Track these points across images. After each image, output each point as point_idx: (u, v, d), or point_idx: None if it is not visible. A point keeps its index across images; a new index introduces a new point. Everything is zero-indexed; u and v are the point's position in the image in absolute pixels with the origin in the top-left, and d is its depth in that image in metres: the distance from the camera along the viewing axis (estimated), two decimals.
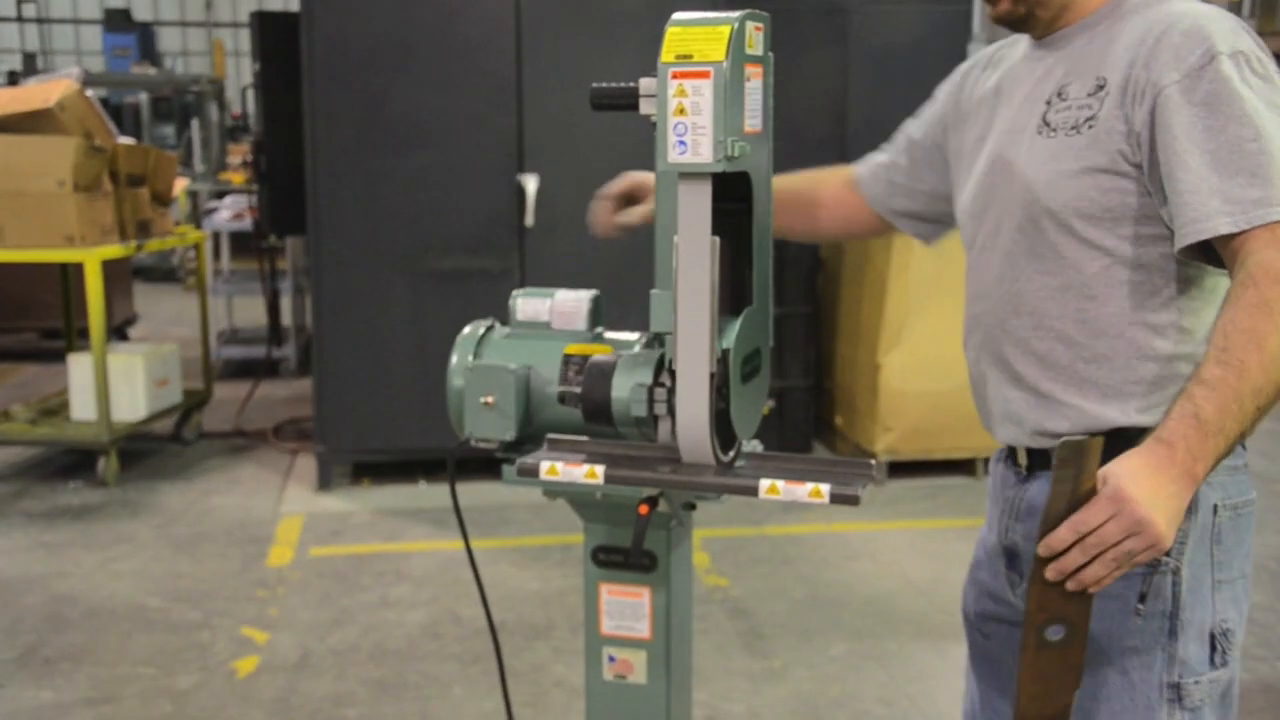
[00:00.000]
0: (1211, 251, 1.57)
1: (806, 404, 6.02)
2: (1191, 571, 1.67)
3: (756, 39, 1.62)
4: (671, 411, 1.67)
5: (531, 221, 5.34)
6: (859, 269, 5.85)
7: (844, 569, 4.64)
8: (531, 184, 5.32)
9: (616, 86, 1.70)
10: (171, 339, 7.61)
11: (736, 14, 1.57)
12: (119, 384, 5.76)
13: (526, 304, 1.93)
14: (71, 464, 5.93)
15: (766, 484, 1.61)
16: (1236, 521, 1.70)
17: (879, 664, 3.83)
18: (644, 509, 1.76)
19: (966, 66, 1.99)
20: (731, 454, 1.72)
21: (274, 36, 5.96)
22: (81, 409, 5.82)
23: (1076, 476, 1.47)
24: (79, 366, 5.84)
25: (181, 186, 9.62)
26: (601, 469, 1.67)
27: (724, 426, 1.68)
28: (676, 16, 1.59)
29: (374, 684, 3.70)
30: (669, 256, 1.65)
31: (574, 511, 1.96)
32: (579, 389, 1.76)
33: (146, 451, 6.18)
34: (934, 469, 5.69)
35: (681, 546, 1.97)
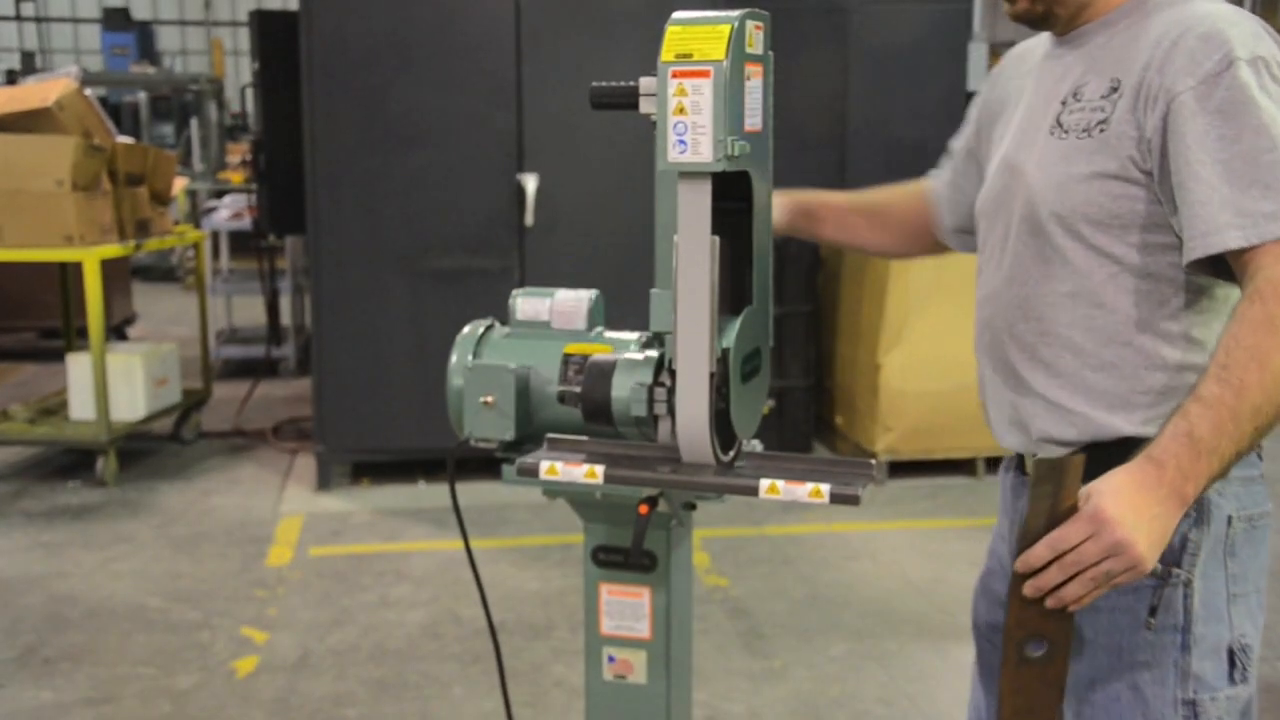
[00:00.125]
0: (1222, 265, 1.53)
1: (806, 404, 6.02)
2: (1204, 584, 1.62)
3: (756, 38, 1.62)
4: (671, 411, 1.66)
5: (531, 221, 5.34)
6: (859, 269, 5.85)
7: (844, 569, 4.63)
8: (531, 183, 5.31)
9: (616, 86, 1.69)
10: (170, 338, 7.60)
11: (736, 13, 1.57)
12: (118, 383, 5.75)
13: (526, 303, 1.93)
14: (70, 464, 5.93)
15: (766, 484, 1.60)
16: (1251, 534, 1.65)
17: (879, 664, 3.83)
18: (644, 509, 1.75)
19: (998, 66, 1.94)
20: (731, 454, 1.72)
21: (273, 35, 5.95)
22: (80, 409, 5.82)
23: (1055, 493, 1.44)
24: (78, 366, 5.84)
25: (180, 186, 9.62)
26: (601, 469, 1.66)
27: (724, 426, 1.67)
28: (676, 16, 1.58)
29: (374, 684, 3.70)
30: (669, 256, 1.65)
31: (574, 511, 1.95)
32: (579, 388, 1.76)
33: (145, 451, 6.18)
34: (934, 469, 5.68)
35: (681, 546, 1.96)
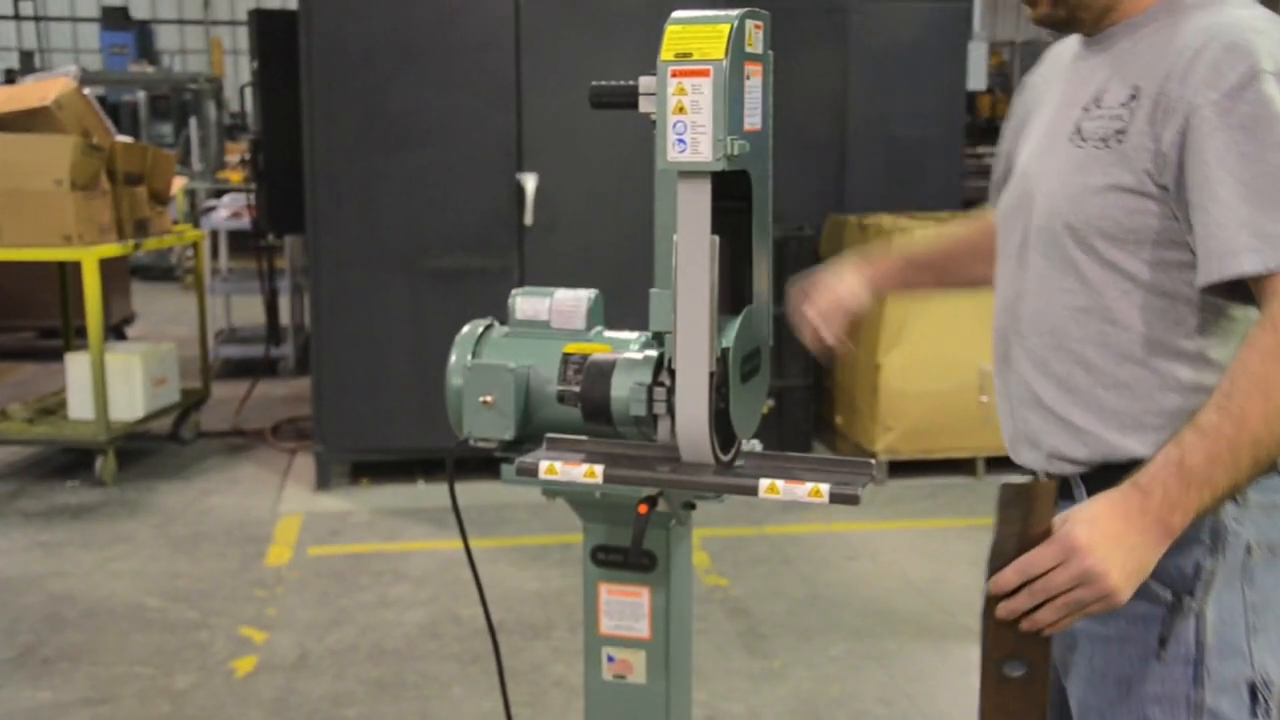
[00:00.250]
0: (1239, 287, 1.46)
1: (806, 403, 6.01)
2: (1219, 615, 1.54)
3: (756, 37, 1.62)
4: (671, 411, 1.66)
5: (530, 220, 5.34)
6: None
7: (844, 569, 4.63)
8: (531, 183, 5.31)
9: (616, 85, 1.69)
10: (169, 338, 7.60)
11: (736, 12, 1.57)
12: (117, 383, 5.75)
13: (526, 303, 1.93)
14: (69, 463, 5.93)
15: (766, 483, 1.60)
16: (1273, 562, 1.56)
17: (879, 664, 3.83)
18: (643, 508, 1.75)
19: (1037, 65, 1.86)
20: (731, 453, 1.72)
21: (272, 35, 5.95)
22: (79, 408, 5.81)
23: (1024, 518, 1.40)
24: (77, 366, 5.83)
25: (179, 185, 9.60)
26: (600, 468, 1.66)
27: (724, 426, 1.67)
28: (676, 15, 1.58)
29: (373, 684, 3.69)
30: (668, 255, 1.65)
31: (573, 511, 1.95)
32: (578, 388, 1.75)
33: (144, 451, 6.18)
34: (934, 469, 5.68)
35: (681, 546, 1.96)
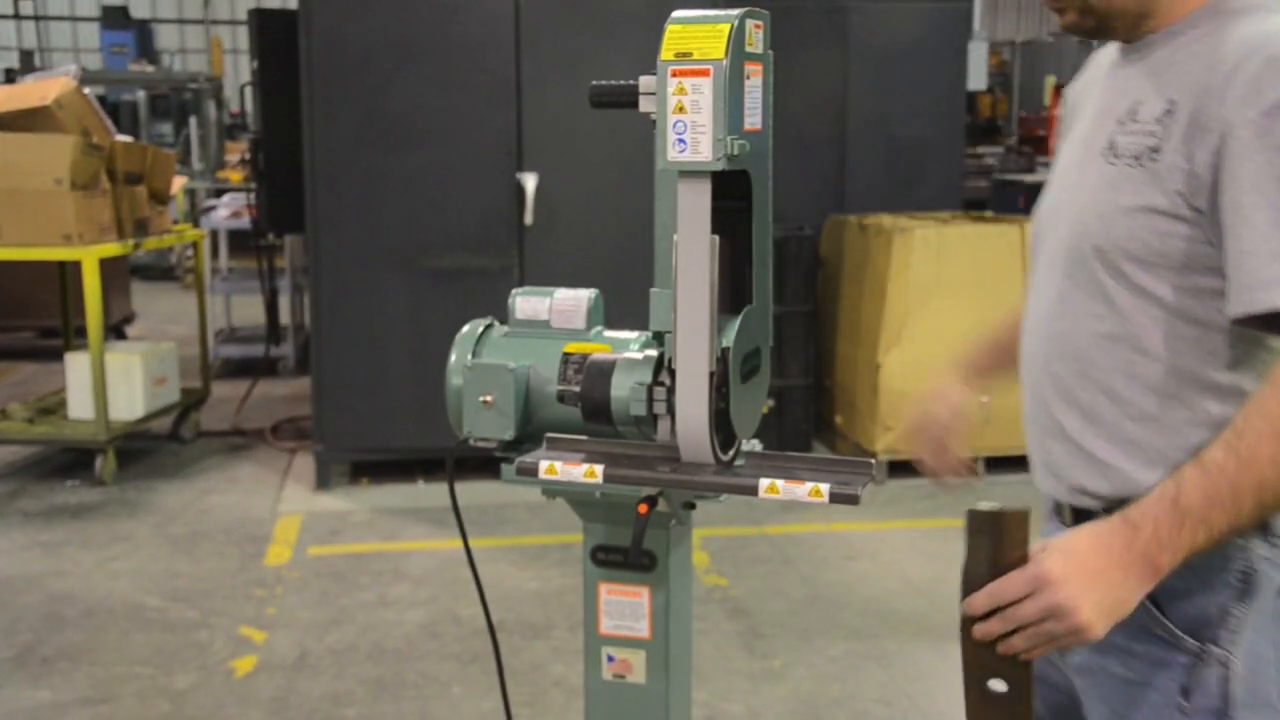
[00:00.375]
0: (1275, 319, 1.36)
1: (806, 403, 6.01)
2: (1249, 665, 1.45)
3: (756, 37, 1.62)
4: (671, 410, 1.66)
5: (530, 220, 5.34)
6: (859, 268, 5.84)
7: (844, 569, 4.63)
8: (530, 182, 5.31)
9: (616, 84, 1.69)
10: (169, 337, 7.59)
11: (736, 12, 1.56)
12: (117, 383, 5.75)
13: (526, 302, 1.92)
14: (69, 463, 5.93)
15: (766, 483, 1.60)
16: None
17: (879, 664, 3.83)
18: (643, 508, 1.75)
19: (1074, 79, 1.76)
20: (731, 453, 1.71)
21: (272, 34, 5.95)
22: (79, 408, 5.81)
23: (994, 544, 1.36)
24: (76, 365, 5.83)
25: (179, 184, 9.60)
26: (600, 468, 1.66)
27: (724, 425, 1.67)
28: (676, 15, 1.58)
29: (372, 683, 3.69)
30: (668, 255, 1.64)
31: (573, 511, 1.95)
32: (578, 388, 1.75)
33: (144, 450, 6.18)
34: None
35: (681, 546, 1.96)
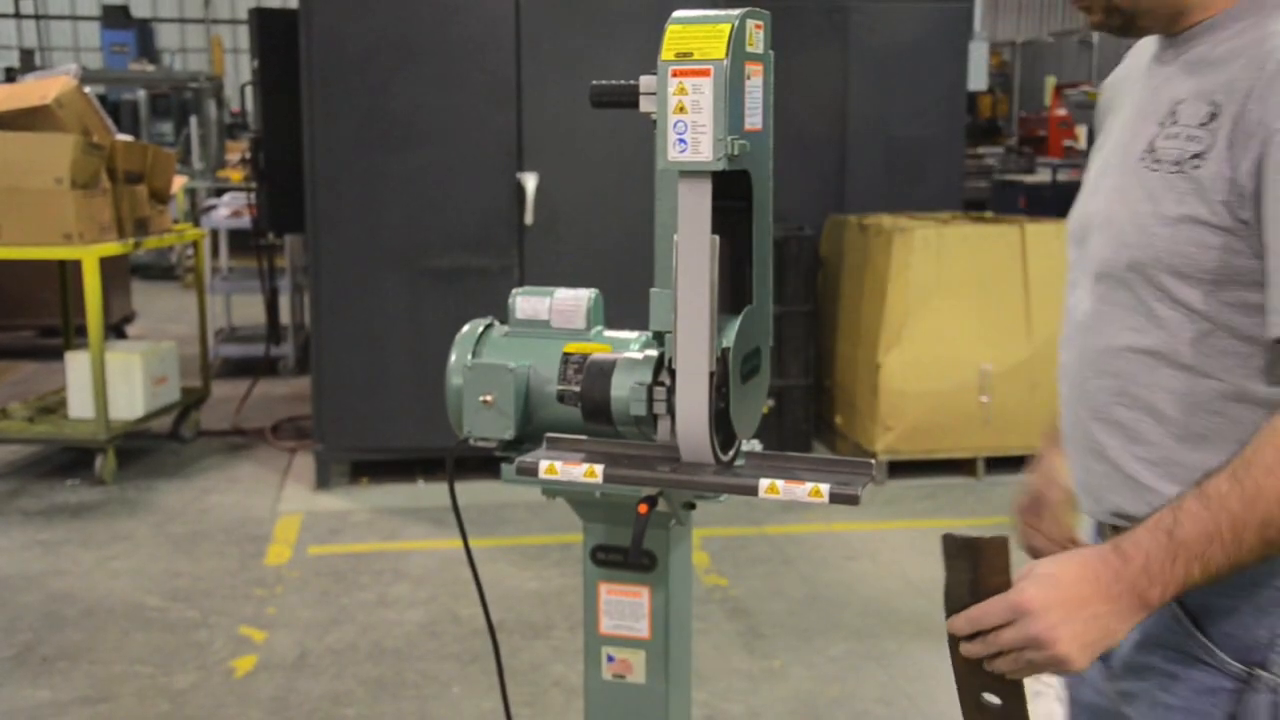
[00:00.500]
0: None
1: (806, 403, 6.01)
2: None
3: (757, 37, 1.62)
4: (671, 410, 1.66)
5: (531, 220, 5.34)
6: (859, 268, 5.84)
7: (844, 569, 4.63)
8: (531, 182, 5.31)
9: (616, 84, 1.69)
10: (169, 337, 7.58)
11: (737, 12, 1.56)
12: (117, 382, 5.75)
13: (526, 302, 1.92)
14: (69, 462, 5.93)
15: (766, 483, 1.60)
16: None
17: (879, 664, 3.83)
18: (643, 508, 1.75)
19: (1116, 70, 1.66)
20: (731, 453, 1.71)
21: (273, 34, 5.95)
22: (79, 407, 5.82)
23: (974, 568, 1.31)
24: (77, 364, 5.83)
25: (180, 184, 9.61)
26: (600, 468, 1.66)
27: (724, 425, 1.67)
28: (677, 15, 1.58)
29: (372, 683, 3.69)
30: (669, 255, 1.64)
31: (573, 511, 1.95)
32: (578, 388, 1.75)
33: (144, 450, 6.18)
34: (934, 469, 5.68)
35: (681, 546, 1.96)
